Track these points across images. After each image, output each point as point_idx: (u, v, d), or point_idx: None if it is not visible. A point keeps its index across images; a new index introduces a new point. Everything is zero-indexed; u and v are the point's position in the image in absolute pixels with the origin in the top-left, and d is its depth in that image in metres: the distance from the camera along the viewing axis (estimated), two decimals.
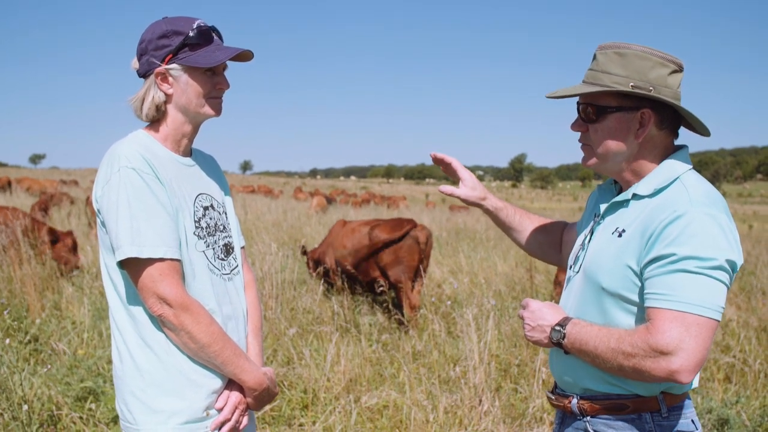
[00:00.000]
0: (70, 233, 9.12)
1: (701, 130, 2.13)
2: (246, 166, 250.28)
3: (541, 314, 2.13)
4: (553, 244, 2.66)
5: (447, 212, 28.20)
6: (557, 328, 2.08)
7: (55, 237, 8.92)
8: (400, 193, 69.67)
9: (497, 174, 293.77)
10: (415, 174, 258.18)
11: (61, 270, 8.63)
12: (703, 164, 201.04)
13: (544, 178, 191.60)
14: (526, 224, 2.68)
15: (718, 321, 1.88)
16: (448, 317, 7.46)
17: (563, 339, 2.05)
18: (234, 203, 2.56)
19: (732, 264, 1.89)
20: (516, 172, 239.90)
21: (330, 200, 31.19)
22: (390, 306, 7.72)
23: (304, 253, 9.30)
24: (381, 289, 7.69)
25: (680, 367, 1.82)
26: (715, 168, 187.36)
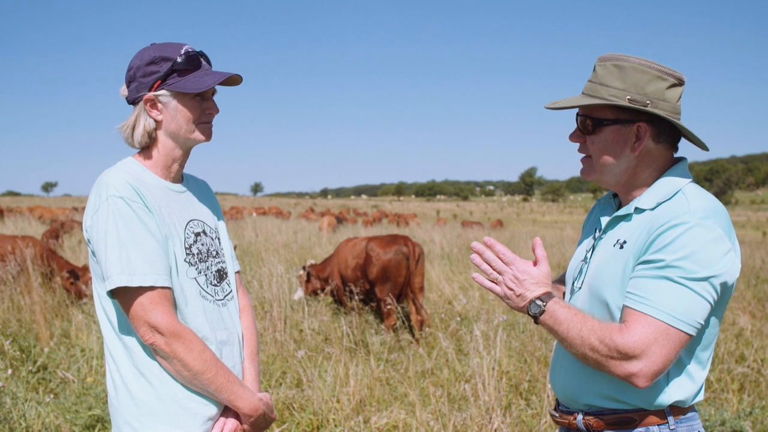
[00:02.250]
0: (85, 269, 9.11)
1: (700, 145, 2.11)
2: (257, 188, 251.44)
3: (528, 285, 2.07)
4: None
5: (458, 228, 28.15)
6: (538, 302, 2.04)
7: (75, 275, 8.93)
8: (411, 211, 69.74)
9: (508, 188, 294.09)
10: (426, 191, 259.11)
11: (71, 299, 8.66)
12: (715, 172, 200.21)
13: (555, 191, 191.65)
14: None
15: (691, 335, 1.89)
16: (458, 334, 7.42)
17: (540, 315, 2.03)
18: (245, 225, 2.54)
19: (720, 280, 1.88)
20: (527, 185, 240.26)
21: (340, 220, 31.22)
22: (399, 324, 7.71)
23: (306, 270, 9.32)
24: (389, 307, 7.70)
25: (639, 372, 1.87)
26: (726, 176, 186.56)
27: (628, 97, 2.01)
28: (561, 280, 2.53)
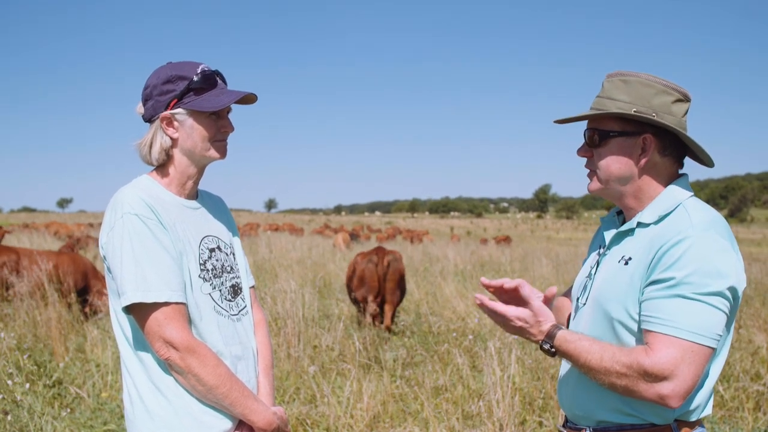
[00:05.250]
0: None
1: (706, 160, 2.13)
2: (271, 204, 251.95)
3: (530, 330, 2.07)
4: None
5: (472, 245, 28.11)
6: (544, 346, 2.05)
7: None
8: (425, 227, 69.72)
9: (522, 205, 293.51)
10: (440, 207, 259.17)
11: (86, 314, 8.72)
12: (730, 189, 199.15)
13: (570, 208, 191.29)
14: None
15: (713, 348, 1.89)
16: (472, 351, 7.41)
17: (553, 350, 2.04)
18: (259, 241, 2.56)
19: (732, 290, 1.89)
20: (541, 202, 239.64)
21: (354, 236, 31.28)
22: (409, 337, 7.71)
23: None
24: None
25: (671, 393, 1.86)
26: (742, 193, 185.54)
27: (634, 109, 2.03)
28: (567, 294, 2.54)
